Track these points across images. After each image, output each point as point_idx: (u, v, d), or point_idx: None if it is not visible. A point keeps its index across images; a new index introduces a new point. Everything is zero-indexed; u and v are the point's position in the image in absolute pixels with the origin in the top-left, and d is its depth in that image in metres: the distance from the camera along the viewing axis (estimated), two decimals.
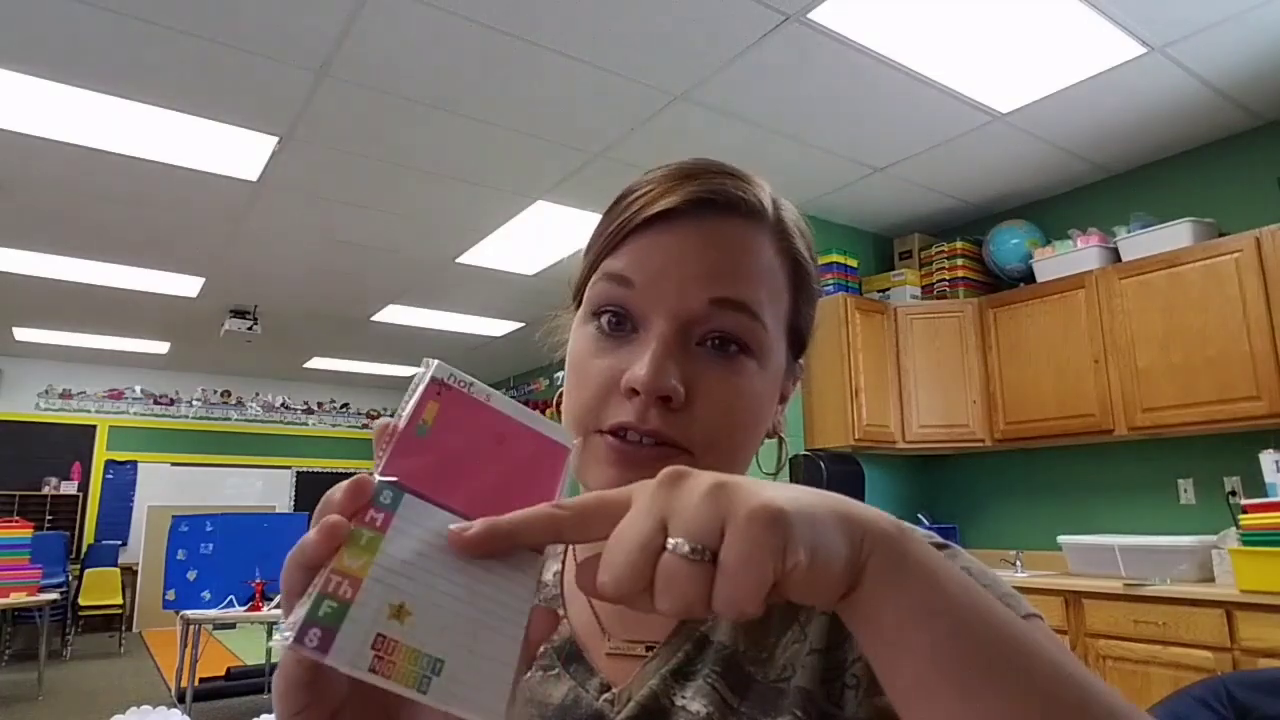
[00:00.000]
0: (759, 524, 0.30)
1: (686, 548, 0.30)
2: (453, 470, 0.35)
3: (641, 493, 0.33)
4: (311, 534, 0.32)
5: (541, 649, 0.56)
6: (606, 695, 0.53)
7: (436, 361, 0.37)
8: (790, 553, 0.30)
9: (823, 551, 0.30)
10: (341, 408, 9.81)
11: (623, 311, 0.51)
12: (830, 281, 4.18)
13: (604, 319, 0.51)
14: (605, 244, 0.53)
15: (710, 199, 0.51)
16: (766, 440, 0.57)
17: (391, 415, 0.37)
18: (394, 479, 0.33)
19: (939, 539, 0.54)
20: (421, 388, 0.36)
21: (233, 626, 7.07)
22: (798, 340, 0.57)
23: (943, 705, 0.31)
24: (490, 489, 0.36)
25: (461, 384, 0.37)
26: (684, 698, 0.51)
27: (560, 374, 0.58)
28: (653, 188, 0.52)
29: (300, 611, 0.30)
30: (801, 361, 0.58)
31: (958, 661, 0.31)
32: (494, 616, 0.34)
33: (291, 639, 0.29)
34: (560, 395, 0.57)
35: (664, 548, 0.30)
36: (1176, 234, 3.41)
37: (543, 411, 0.58)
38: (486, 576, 0.34)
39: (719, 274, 0.50)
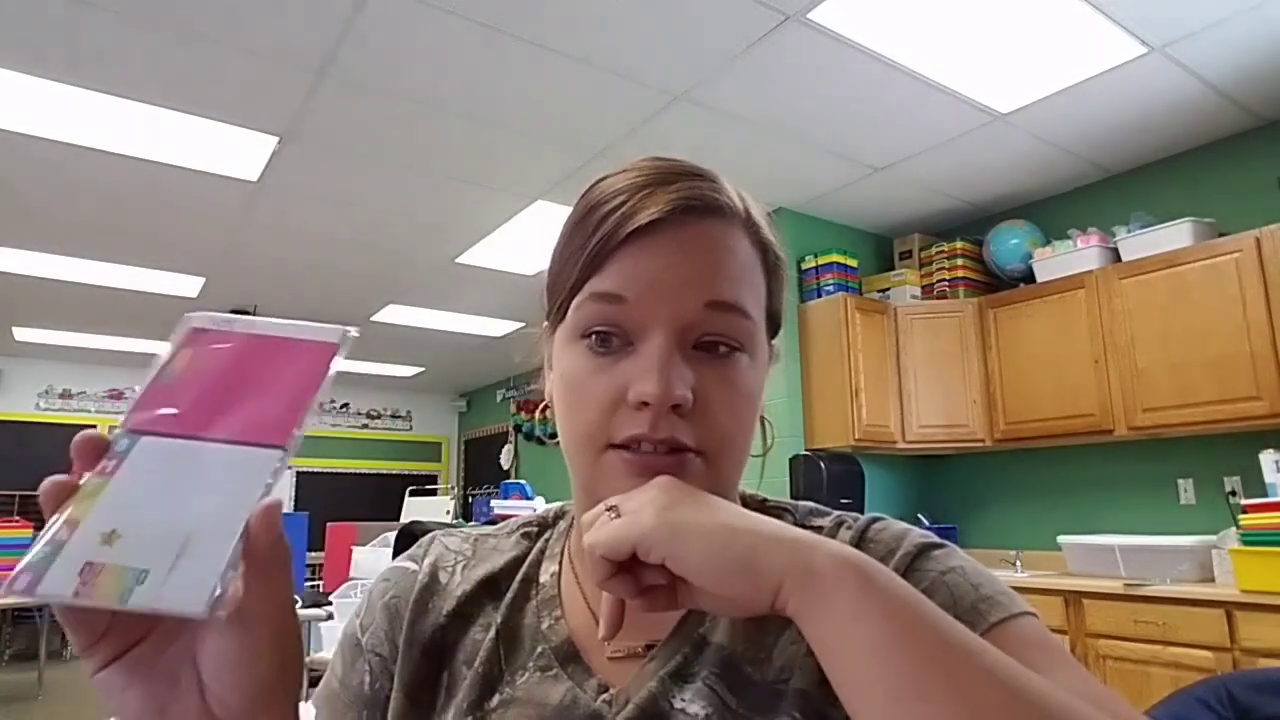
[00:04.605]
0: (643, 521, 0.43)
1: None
2: (205, 401, 0.40)
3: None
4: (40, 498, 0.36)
5: (539, 649, 0.56)
6: (604, 696, 0.53)
7: (196, 314, 0.42)
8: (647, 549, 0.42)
9: (696, 559, 0.41)
10: (341, 408, 9.79)
11: (615, 328, 0.51)
12: (830, 281, 4.18)
13: (593, 337, 0.51)
14: (588, 263, 0.51)
15: (690, 205, 0.51)
16: None
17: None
18: (129, 428, 0.38)
19: (935, 538, 0.54)
20: (176, 340, 0.41)
21: None
22: (774, 323, 0.58)
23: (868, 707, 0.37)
24: (243, 404, 0.40)
25: (220, 324, 0.42)
26: (683, 700, 0.51)
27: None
28: (625, 198, 0.51)
29: (22, 563, 0.33)
30: (775, 343, 0.59)
31: (886, 669, 0.37)
32: (210, 523, 0.36)
33: (4, 587, 0.33)
34: (545, 404, 0.58)
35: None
36: (1176, 234, 3.41)
37: (543, 410, 0.58)
38: (212, 491, 0.37)
39: (709, 278, 0.50)
